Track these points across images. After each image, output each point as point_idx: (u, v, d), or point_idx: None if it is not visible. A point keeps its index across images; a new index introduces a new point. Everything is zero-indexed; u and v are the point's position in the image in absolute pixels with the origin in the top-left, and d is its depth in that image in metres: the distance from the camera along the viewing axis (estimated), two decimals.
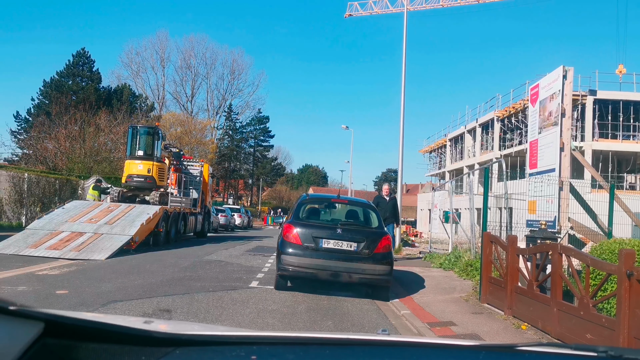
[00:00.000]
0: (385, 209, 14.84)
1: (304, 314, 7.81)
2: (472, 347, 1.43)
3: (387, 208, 15.12)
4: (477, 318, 8.02)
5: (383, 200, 15.30)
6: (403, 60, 22.30)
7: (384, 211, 14.59)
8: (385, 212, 14.77)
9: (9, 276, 9.63)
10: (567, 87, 11.10)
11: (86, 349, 1.09)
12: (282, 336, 1.40)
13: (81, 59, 53.56)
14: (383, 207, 14.80)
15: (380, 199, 15.41)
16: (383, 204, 15.01)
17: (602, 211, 11.84)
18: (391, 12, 46.78)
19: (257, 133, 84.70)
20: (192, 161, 25.51)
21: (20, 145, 45.45)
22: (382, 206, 14.85)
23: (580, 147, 29.98)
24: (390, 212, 15.20)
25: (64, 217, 15.73)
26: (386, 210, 14.92)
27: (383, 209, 14.63)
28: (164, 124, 45.32)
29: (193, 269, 12.19)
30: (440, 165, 54.07)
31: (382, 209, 14.47)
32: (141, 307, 7.47)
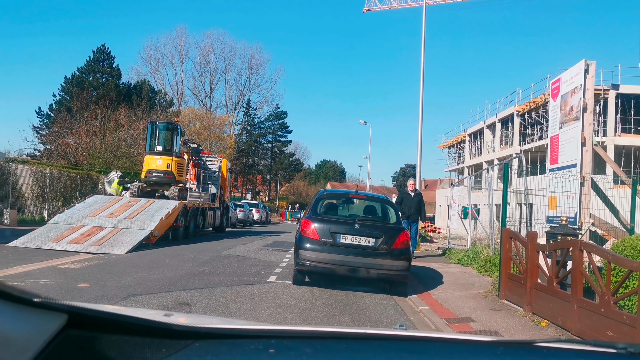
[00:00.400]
0: (410, 205, 14.41)
1: (322, 309, 7.83)
2: (490, 343, 1.43)
3: (412, 204, 14.50)
4: (495, 314, 7.97)
5: (408, 196, 14.70)
6: (422, 54, 22.20)
7: (408, 207, 14.29)
8: (410, 208, 14.36)
9: (32, 269, 9.79)
10: (589, 82, 10.96)
11: (108, 340, 1.11)
12: (300, 330, 1.41)
13: (101, 55, 54.04)
14: (408, 203, 14.43)
15: (404, 195, 14.90)
16: (408, 200, 14.53)
17: (624, 207, 11.67)
18: (410, 6, 46.57)
19: (275, 128, 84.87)
20: (211, 156, 25.64)
21: (42, 141, 46.06)
22: (407, 202, 14.44)
23: (602, 142, 29.56)
24: (415, 209, 14.55)
25: (84, 212, 15.93)
26: (411, 206, 14.42)
27: (408, 205, 14.35)
28: (182, 120, 45.63)
29: (211, 263, 12.27)
30: (459, 161, 53.69)
31: (406, 205, 14.30)
32: (161, 300, 7.55)
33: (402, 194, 15.06)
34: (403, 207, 14.24)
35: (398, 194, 14.90)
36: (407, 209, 14.35)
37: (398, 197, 14.40)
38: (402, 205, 14.32)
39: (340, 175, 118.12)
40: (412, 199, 14.54)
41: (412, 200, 14.50)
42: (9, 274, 9.14)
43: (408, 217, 14.16)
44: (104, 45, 54.49)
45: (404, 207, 14.29)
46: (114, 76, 53.49)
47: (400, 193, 15.13)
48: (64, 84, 52.33)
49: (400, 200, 14.65)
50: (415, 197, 14.63)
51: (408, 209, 14.34)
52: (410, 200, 14.53)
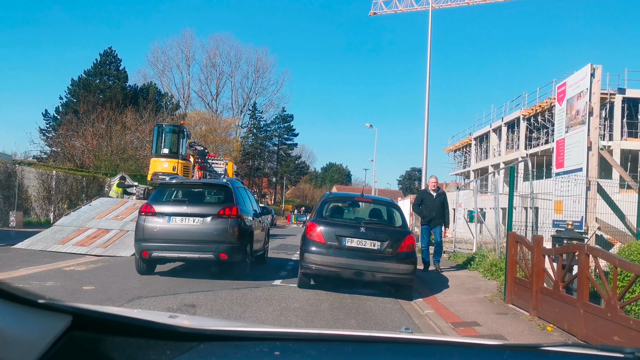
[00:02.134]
0: (431, 207, 12.47)
1: (327, 313, 7.82)
2: (496, 347, 1.42)
3: (434, 206, 12.49)
4: (501, 319, 7.94)
5: (429, 197, 12.63)
6: (428, 58, 22.18)
7: (429, 210, 12.46)
8: (432, 211, 12.44)
9: (38, 271, 9.82)
10: (595, 86, 10.92)
11: (112, 342, 1.11)
12: (305, 333, 1.41)
13: (108, 58, 54.25)
14: (429, 205, 12.51)
15: (424, 195, 12.84)
16: (429, 201, 12.55)
17: (631, 212, 11.62)
18: (416, 10, 46.50)
19: (281, 131, 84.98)
20: (217, 159, 25.73)
21: (49, 143, 46.24)
22: (428, 204, 12.52)
23: (608, 147, 29.46)
24: (438, 212, 12.50)
25: (90, 214, 15.97)
26: (432, 209, 12.46)
27: (429, 207, 12.48)
28: (189, 123, 45.70)
29: (217, 266, 12.25)
30: (465, 165, 53.62)
31: (427, 207, 12.52)
32: (166, 303, 7.55)
33: (421, 195, 13.05)
34: (423, 210, 12.60)
35: (417, 195, 13.08)
36: (428, 211, 12.52)
37: (417, 198, 12.59)
38: (421, 208, 12.64)
39: (346, 178, 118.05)
40: (434, 199, 12.52)
41: (434, 202, 12.50)
42: (14, 275, 9.18)
43: (429, 222, 12.54)
44: (111, 48, 54.76)
45: (424, 210, 12.56)
46: (121, 79, 53.69)
47: (419, 193, 13.13)
48: (70, 87, 52.56)
49: (419, 202, 12.72)
50: (438, 197, 12.57)
51: (429, 212, 12.51)
52: (431, 201, 12.53)
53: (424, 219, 12.51)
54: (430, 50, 22.28)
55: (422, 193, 13.02)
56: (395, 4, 47.52)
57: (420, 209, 12.65)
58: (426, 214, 12.52)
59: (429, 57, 22.19)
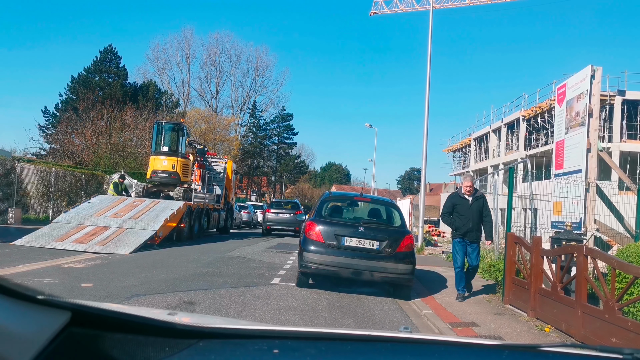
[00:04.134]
0: (468, 215, 9.51)
1: (325, 312, 7.82)
2: (495, 347, 1.42)
3: (471, 214, 9.53)
4: (499, 319, 7.95)
5: (463, 202, 9.66)
6: (428, 58, 22.19)
7: (465, 219, 9.50)
8: (468, 220, 9.49)
9: (36, 268, 9.81)
10: (595, 87, 10.93)
11: (111, 338, 1.10)
12: (304, 331, 1.41)
13: (108, 55, 54.13)
14: (463, 211, 9.57)
15: (457, 200, 9.79)
16: (463, 208, 9.62)
17: (629, 213, 11.63)
18: (417, 10, 46.42)
19: (280, 130, 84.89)
20: (216, 157, 25.67)
21: (48, 140, 46.13)
22: (462, 211, 9.59)
23: (608, 148, 29.45)
24: (476, 222, 9.58)
25: (89, 212, 15.96)
26: (468, 217, 9.50)
27: (464, 215, 9.53)
28: (188, 121, 45.63)
29: (215, 264, 12.28)
30: (465, 165, 53.61)
31: (461, 216, 9.56)
32: (164, 301, 7.55)
33: (453, 200, 9.98)
34: (455, 219, 9.65)
35: (446, 200, 10.16)
36: (463, 221, 9.52)
37: (446, 203, 9.95)
38: (453, 217, 9.72)
39: (345, 178, 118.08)
40: (471, 205, 9.59)
41: (471, 208, 9.58)
42: (13, 272, 9.17)
43: (464, 235, 9.53)
44: (111, 45, 54.60)
45: (457, 219, 9.61)
46: (121, 76, 53.58)
47: (450, 198, 10.13)
48: (70, 84, 52.43)
49: (450, 209, 9.82)
50: (475, 202, 9.66)
51: (464, 222, 9.50)
52: (467, 207, 9.58)
53: (456, 230, 9.68)
54: (430, 50, 22.29)
55: (454, 198, 9.99)
56: (395, 3, 47.47)
57: (452, 219, 9.74)
58: (459, 224, 9.58)
59: (429, 57, 22.20)
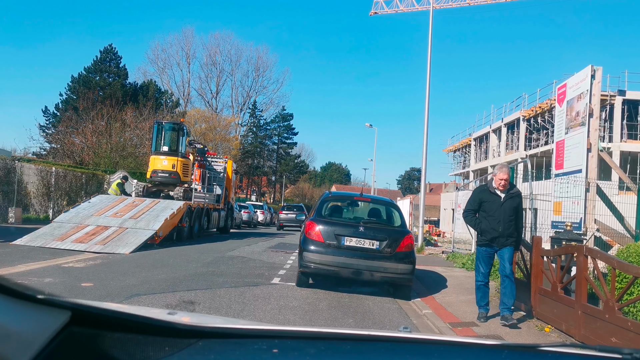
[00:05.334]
0: (496, 216, 7.55)
1: (325, 311, 7.82)
2: (495, 347, 1.42)
3: (502, 215, 7.54)
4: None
5: (493, 199, 7.65)
6: (428, 58, 22.18)
7: (493, 220, 7.54)
8: (498, 222, 7.52)
9: (36, 268, 9.81)
10: (596, 87, 10.93)
11: (111, 338, 1.10)
12: (304, 331, 1.41)
13: (108, 55, 54.12)
14: (491, 211, 7.60)
15: (486, 196, 7.74)
16: (492, 206, 7.61)
17: (630, 213, 11.64)
18: (417, 10, 46.41)
19: (280, 130, 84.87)
20: (216, 157, 25.66)
21: (48, 140, 46.13)
22: (490, 210, 7.61)
23: (608, 148, 29.46)
24: (508, 224, 7.57)
25: (89, 211, 15.96)
26: (499, 219, 7.53)
27: (491, 215, 7.58)
28: (188, 120, 45.67)
29: (215, 264, 12.27)
30: (465, 165, 53.64)
31: (489, 217, 7.60)
32: (164, 300, 7.55)
33: (480, 195, 7.86)
34: (482, 221, 7.72)
35: (472, 195, 8.13)
36: (491, 223, 7.56)
37: (472, 199, 7.93)
38: (479, 217, 7.81)
39: (345, 177, 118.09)
40: (503, 204, 7.58)
41: (503, 207, 7.57)
42: (13, 272, 9.17)
43: (491, 242, 7.61)
44: (111, 45, 54.59)
45: (484, 221, 7.67)
46: (121, 76, 53.57)
47: (478, 193, 7.99)
48: (70, 84, 52.42)
49: (475, 206, 7.83)
50: (510, 200, 7.61)
51: (493, 224, 7.55)
52: (497, 206, 7.58)
53: (482, 235, 7.71)
54: (430, 50, 22.28)
55: (482, 192, 7.87)
56: (396, 3, 47.46)
57: (477, 220, 7.78)
58: (487, 227, 7.60)
59: (430, 57, 22.19)
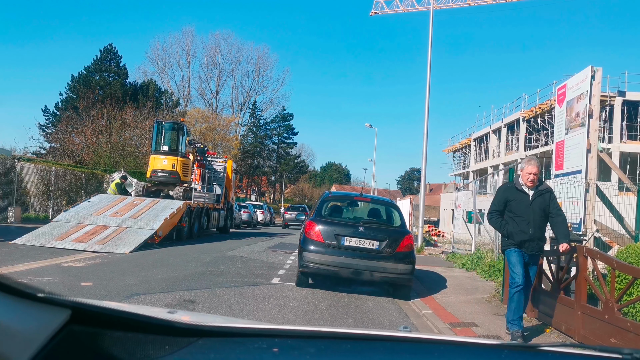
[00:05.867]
0: (525, 216, 6.64)
1: (325, 311, 7.82)
2: (495, 346, 1.42)
3: (531, 215, 6.64)
4: (499, 319, 7.94)
5: (521, 198, 6.73)
6: (428, 59, 22.18)
7: (522, 221, 6.61)
8: (528, 224, 6.60)
9: (36, 267, 9.81)
10: (595, 88, 10.92)
11: (111, 336, 1.10)
12: (304, 330, 1.41)
13: (108, 54, 54.12)
14: (519, 211, 6.67)
15: (512, 194, 6.81)
16: (520, 205, 6.69)
17: (629, 214, 11.61)
18: (417, 10, 46.39)
19: (280, 130, 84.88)
20: (216, 157, 25.66)
21: (48, 139, 46.16)
22: (518, 209, 6.68)
23: (608, 149, 29.49)
24: (538, 225, 6.70)
25: (89, 211, 15.96)
26: (528, 219, 6.62)
27: (519, 215, 6.65)
28: (188, 120, 45.66)
29: (215, 264, 12.27)
30: (464, 165, 53.65)
31: (516, 216, 6.67)
32: (164, 300, 7.55)
33: (505, 193, 6.92)
34: (508, 222, 6.74)
35: (496, 194, 7.22)
36: (520, 225, 6.63)
37: (496, 198, 6.95)
38: (505, 218, 6.83)
39: (345, 177, 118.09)
40: (532, 202, 6.67)
41: (532, 207, 6.65)
42: (12, 271, 9.16)
43: (520, 245, 6.62)
44: (111, 44, 54.59)
45: (511, 222, 6.71)
46: (121, 75, 53.56)
47: (503, 191, 7.04)
48: (70, 83, 52.39)
49: (500, 206, 6.86)
50: (539, 198, 6.68)
51: (522, 226, 6.62)
52: (525, 205, 6.67)
53: (508, 238, 6.75)
54: (430, 50, 22.29)
55: (507, 191, 6.93)
56: (396, 3, 47.45)
57: (504, 222, 6.82)
58: (514, 229, 6.66)
59: (430, 57, 22.19)
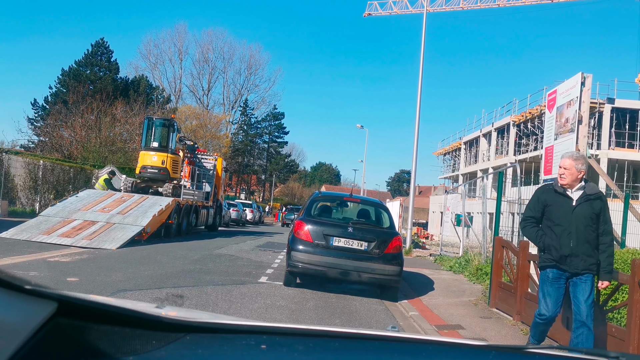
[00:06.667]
0: (566, 225, 5.31)
1: (312, 311, 7.82)
2: (482, 347, 1.43)
3: (574, 224, 5.29)
4: (485, 322, 7.98)
5: (561, 202, 5.41)
6: (421, 61, 22.25)
7: (562, 231, 5.30)
8: (568, 234, 5.27)
9: (21, 261, 9.73)
10: (585, 94, 10.99)
11: (98, 330, 1.09)
12: (292, 328, 1.40)
13: (100, 49, 53.80)
14: (559, 218, 5.37)
15: (551, 197, 5.49)
16: (560, 211, 5.38)
17: (616, 220, 11.67)
18: (410, 12, 46.55)
19: (271, 129, 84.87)
20: (206, 155, 25.60)
21: (37, 133, 45.76)
22: (557, 217, 5.39)
23: (596, 155, 29.72)
24: (583, 237, 5.26)
25: (77, 206, 15.85)
26: (570, 229, 5.28)
27: (559, 224, 5.35)
28: (179, 117, 45.54)
29: (203, 262, 12.24)
30: (454, 168, 53.83)
31: (555, 225, 5.37)
32: (150, 296, 7.52)
33: (543, 196, 5.60)
34: (546, 233, 5.47)
35: (532, 197, 5.76)
36: (560, 236, 5.33)
37: (531, 203, 5.75)
38: (543, 227, 5.54)
39: (335, 178, 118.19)
40: (575, 208, 5.35)
41: (575, 213, 5.33)
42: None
43: (560, 261, 5.30)
44: (103, 39, 54.27)
45: (549, 232, 5.44)
46: (112, 70, 53.28)
47: (539, 193, 5.69)
48: (60, 77, 52.03)
49: (537, 212, 5.60)
50: (586, 204, 5.35)
51: (562, 237, 5.32)
52: (566, 211, 5.37)
53: (544, 252, 5.48)
54: (423, 53, 22.36)
55: (545, 193, 5.63)
56: (390, 5, 47.58)
57: (540, 231, 5.55)
58: (552, 241, 5.38)
59: (422, 60, 22.26)
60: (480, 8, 44.80)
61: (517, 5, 44.93)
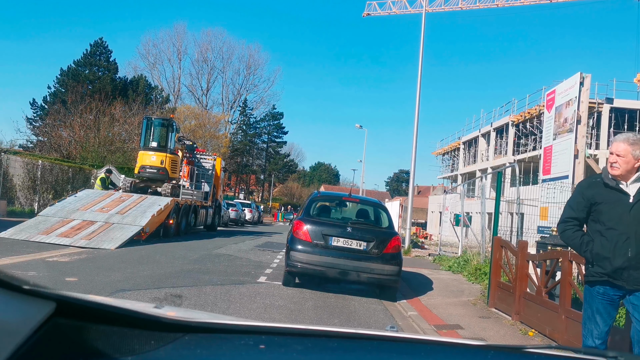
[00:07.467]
0: (620, 228, 4.04)
1: (311, 311, 7.82)
2: (481, 347, 1.43)
3: (632, 226, 4.02)
4: (484, 322, 7.98)
5: (614, 198, 4.11)
6: (420, 61, 22.26)
7: (616, 235, 4.03)
8: (625, 239, 4.00)
9: (20, 261, 9.73)
10: (584, 94, 11.02)
11: (96, 330, 1.09)
12: (291, 328, 1.40)
13: (98, 48, 53.73)
14: (611, 220, 4.09)
15: (600, 193, 4.18)
16: (613, 210, 4.09)
17: None
18: (409, 12, 46.62)
19: (270, 129, 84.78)
20: (205, 154, 25.58)
21: (35, 133, 45.70)
22: (609, 218, 4.11)
23: (595, 155, 29.70)
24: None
25: (75, 205, 15.83)
26: (627, 233, 4.01)
27: (612, 227, 4.08)
28: (178, 117, 45.50)
29: (202, 261, 12.23)
30: (453, 168, 53.82)
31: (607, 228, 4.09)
32: (149, 297, 7.51)
33: (587, 190, 4.27)
34: (594, 238, 4.17)
35: (575, 192, 4.49)
36: (613, 242, 4.04)
37: (573, 199, 4.37)
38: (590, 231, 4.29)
39: (334, 178, 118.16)
40: (633, 205, 4.04)
41: (633, 212, 4.03)
42: None
43: (614, 275, 4.07)
44: (102, 38, 54.18)
45: (599, 237, 4.14)
46: (111, 70, 53.19)
47: (584, 188, 4.34)
48: (59, 76, 51.94)
49: (582, 212, 4.25)
50: None
51: (616, 244, 4.03)
52: (622, 210, 4.07)
53: (593, 263, 4.24)
54: (422, 53, 22.36)
55: (591, 187, 4.33)
56: (389, 5, 47.63)
57: (586, 236, 4.32)
58: (603, 249, 4.13)
59: (421, 60, 22.27)
60: (479, 8, 44.86)
61: (516, 5, 44.98)
